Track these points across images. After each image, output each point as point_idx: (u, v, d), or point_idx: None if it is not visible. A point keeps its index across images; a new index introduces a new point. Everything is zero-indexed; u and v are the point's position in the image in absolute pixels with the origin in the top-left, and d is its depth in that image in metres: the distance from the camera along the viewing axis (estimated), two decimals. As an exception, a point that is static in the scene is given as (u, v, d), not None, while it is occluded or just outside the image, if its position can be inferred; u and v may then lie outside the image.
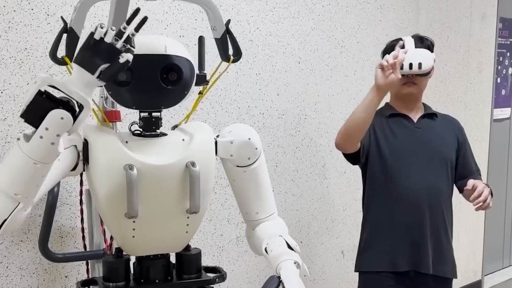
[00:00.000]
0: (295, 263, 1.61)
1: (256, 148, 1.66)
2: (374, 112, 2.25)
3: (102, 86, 1.53)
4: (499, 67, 4.50)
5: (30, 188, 1.32)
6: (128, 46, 1.28)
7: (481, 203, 2.24)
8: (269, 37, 2.82)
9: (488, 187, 2.30)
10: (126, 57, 1.27)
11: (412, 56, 2.29)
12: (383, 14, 3.36)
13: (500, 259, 4.83)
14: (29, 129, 1.27)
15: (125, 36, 1.27)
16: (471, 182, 2.27)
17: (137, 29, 1.29)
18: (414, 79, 2.35)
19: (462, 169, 2.46)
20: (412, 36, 2.38)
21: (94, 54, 1.26)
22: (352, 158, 2.43)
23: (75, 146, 1.50)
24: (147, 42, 1.52)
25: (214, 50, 1.69)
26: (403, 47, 2.31)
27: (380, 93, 2.21)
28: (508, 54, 4.61)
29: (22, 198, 1.32)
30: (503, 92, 4.60)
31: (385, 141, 2.40)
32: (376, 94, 2.20)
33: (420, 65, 2.28)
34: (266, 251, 1.66)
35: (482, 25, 4.13)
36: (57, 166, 1.39)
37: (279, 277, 1.58)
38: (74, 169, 1.51)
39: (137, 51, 1.48)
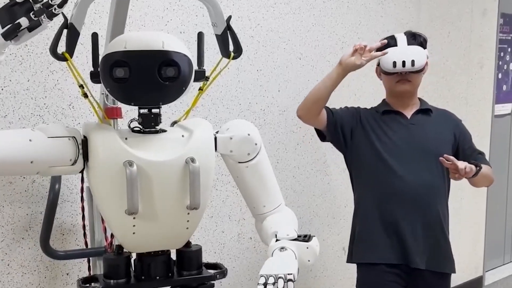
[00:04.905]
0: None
1: (256, 144, 1.66)
2: (333, 87, 2.30)
3: (101, 83, 1.53)
4: (500, 63, 4.48)
5: None
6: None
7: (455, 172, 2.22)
8: (270, 33, 2.81)
9: (478, 166, 2.28)
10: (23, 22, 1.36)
11: (405, 53, 2.29)
12: (384, 10, 3.35)
13: (501, 255, 4.82)
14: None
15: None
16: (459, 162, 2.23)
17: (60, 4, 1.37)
18: (408, 76, 2.35)
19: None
20: (405, 33, 2.38)
21: None
22: (320, 134, 2.54)
23: (74, 137, 1.50)
24: (145, 38, 1.51)
25: (215, 46, 1.68)
26: (394, 44, 2.32)
27: (340, 70, 2.27)
28: (509, 49, 4.59)
29: None
30: (504, 87, 4.59)
31: (378, 139, 2.40)
32: (336, 69, 2.27)
33: (413, 62, 2.29)
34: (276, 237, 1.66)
35: (483, 20, 4.12)
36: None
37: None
38: (74, 163, 1.52)
39: (134, 47, 1.48)
